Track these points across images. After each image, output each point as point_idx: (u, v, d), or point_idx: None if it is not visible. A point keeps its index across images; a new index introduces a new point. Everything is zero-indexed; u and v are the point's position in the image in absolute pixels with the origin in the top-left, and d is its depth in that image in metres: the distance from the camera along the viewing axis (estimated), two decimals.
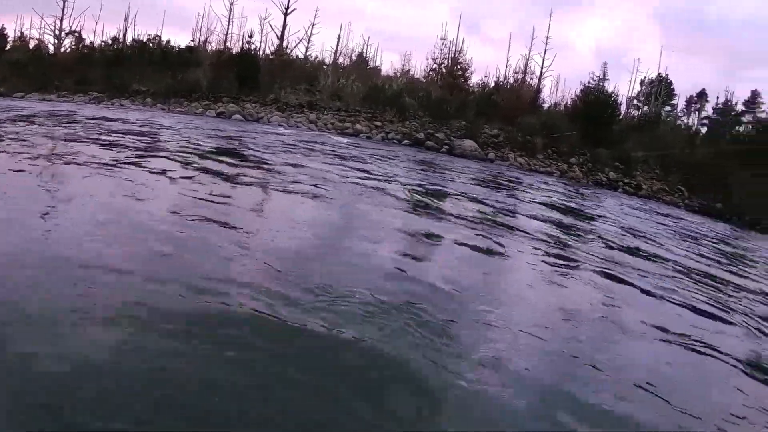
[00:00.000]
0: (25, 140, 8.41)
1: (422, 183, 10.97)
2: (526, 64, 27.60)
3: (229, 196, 6.41)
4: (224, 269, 3.90)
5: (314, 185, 7.76)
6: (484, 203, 9.74)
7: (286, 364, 2.79)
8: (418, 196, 8.93)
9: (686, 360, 4.25)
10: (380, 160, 13.56)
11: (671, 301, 5.66)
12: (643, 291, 5.83)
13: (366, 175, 10.12)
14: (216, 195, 6.22)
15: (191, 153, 9.39)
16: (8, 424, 2.00)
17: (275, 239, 5.05)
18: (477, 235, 6.81)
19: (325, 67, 25.14)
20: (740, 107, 38.29)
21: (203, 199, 5.87)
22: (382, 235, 5.90)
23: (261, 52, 26.85)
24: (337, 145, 15.51)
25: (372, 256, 5.01)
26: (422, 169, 13.84)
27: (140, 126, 13.21)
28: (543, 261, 6.33)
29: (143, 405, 2.24)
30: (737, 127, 35.41)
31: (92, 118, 13.61)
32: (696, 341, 4.55)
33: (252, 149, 11.37)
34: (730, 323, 5.46)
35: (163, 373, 2.49)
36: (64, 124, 11.65)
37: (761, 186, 27.37)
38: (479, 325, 3.89)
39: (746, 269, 10.61)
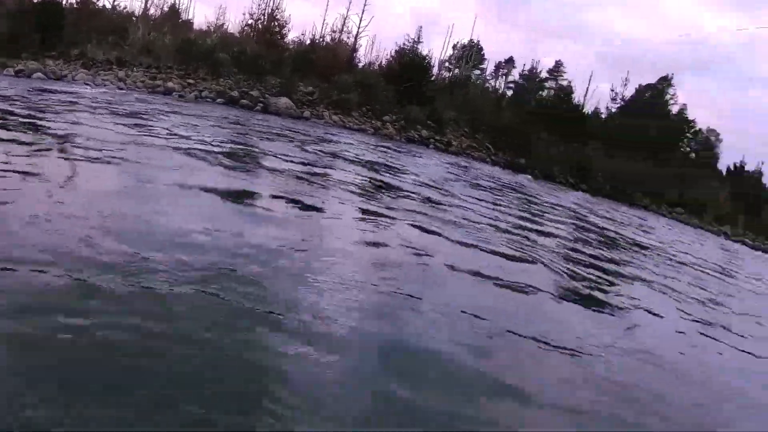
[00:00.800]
0: None
1: (232, 143, 10.96)
2: (344, 24, 28.37)
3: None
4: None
5: (101, 150, 6.87)
6: (296, 161, 9.86)
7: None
8: (225, 158, 8.54)
9: (500, 293, 5.08)
10: (193, 118, 13.45)
11: (480, 247, 6.55)
12: (454, 239, 6.58)
13: (172, 135, 9.65)
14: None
15: None
16: None
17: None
18: (290, 193, 6.87)
19: (135, 18, 24.09)
20: (544, 74, 42.12)
21: None
22: (186, 199, 5.69)
23: (65, 1, 25.10)
24: (138, 104, 15.23)
25: (175, 220, 4.77)
26: (233, 129, 13.79)
27: None
28: (358, 217, 6.63)
29: None
30: (540, 92, 39.02)
31: None
32: (505, 279, 5.45)
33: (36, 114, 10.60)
34: (529, 261, 6.56)
35: None
36: None
37: (557, 144, 30.76)
38: (298, 285, 3.88)
39: (543, 214, 12.57)
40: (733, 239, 31.87)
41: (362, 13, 28.67)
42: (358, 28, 28.61)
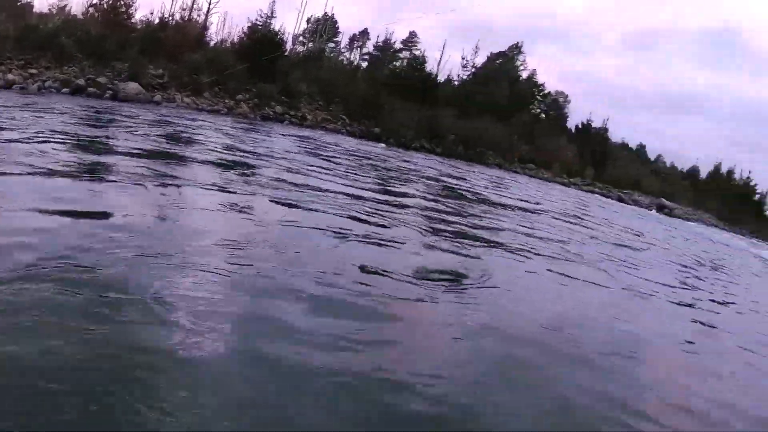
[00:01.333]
0: None
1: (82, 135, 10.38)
2: (194, 1, 28.46)
3: None
4: None
5: None
6: (147, 152, 9.70)
7: None
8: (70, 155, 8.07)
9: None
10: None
11: (335, 214, 7.43)
12: (311, 209, 7.32)
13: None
14: None
15: None
16: None
17: None
18: (143, 181, 6.89)
19: None
20: (399, 45, 43.89)
21: None
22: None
23: None
24: None
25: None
26: (78, 122, 12.69)
27: None
28: (220, 201, 6.75)
29: None
30: (394, 63, 40.74)
31: None
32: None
33: None
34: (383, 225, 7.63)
35: None
36: None
37: (411, 112, 32.67)
38: (165, 266, 4.04)
39: (397, 179, 14.24)
40: (584, 189, 36.10)
41: None
42: (209, 4, 28.82)
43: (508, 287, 5.86)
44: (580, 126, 46.49)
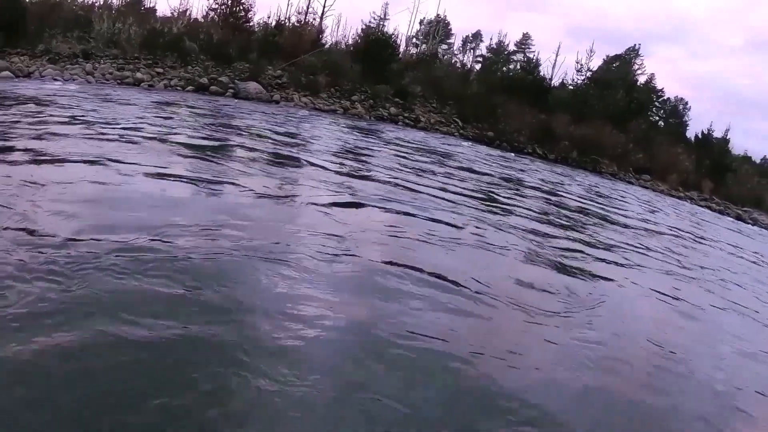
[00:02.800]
0: None
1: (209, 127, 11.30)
2: (308, 4, 28.53)
3: None
4: None
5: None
6: (270, 148, 10.12)
7: None
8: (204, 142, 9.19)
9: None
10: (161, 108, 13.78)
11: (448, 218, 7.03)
12: (424, 213, 7.10)
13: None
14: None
15: None
16: None
17: None
18: (261, 175, 7.22)
19: (98, 9, 23.95)
20: (512, 47, 42.58)
21: None
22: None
23: None
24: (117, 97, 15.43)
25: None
26: (207, 115, 13.99)
27: None
28: (333, 202, 6.70)
29: None
30: (508, 66, 39.51)
31: None
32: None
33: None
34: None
35: None
36: None
37: (524, 117, 31.39)
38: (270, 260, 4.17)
39: (514, 184, 13.06)
40: (700, 204, 33.09)
41: None
42: (323, 8, 28.80)
43: (617, 312, 5.29)
44: (699, 135, 43.11)
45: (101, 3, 24.77)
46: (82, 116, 9.88)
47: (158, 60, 21.49)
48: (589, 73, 40.08)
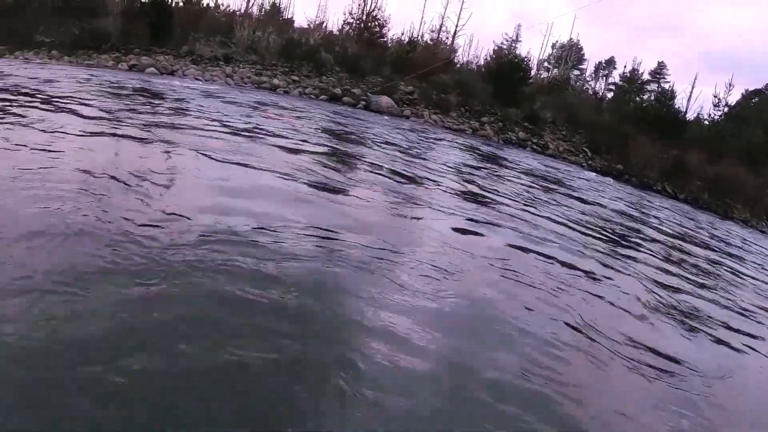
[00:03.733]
0: None
1: (336, 133, 11.20)
2: (442, 22, 28.15)
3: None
4: None
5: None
6: (398, 166, 9.71)
7: None
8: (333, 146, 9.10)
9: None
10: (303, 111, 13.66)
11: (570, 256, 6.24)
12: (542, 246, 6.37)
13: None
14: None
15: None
16: None
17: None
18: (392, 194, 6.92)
19: (239, 17, 24.58)
20: (646, 76, 40.44)
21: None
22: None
23: (172, 1, 25.93)
24: (259, 97, 15.46)
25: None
26: (338, 122, 14.01)
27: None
28: (452, 226, 6.26)
29: None
30: (641, 95, 37.44)
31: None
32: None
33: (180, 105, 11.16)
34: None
35: None
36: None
37: (656, 151, 29.45)
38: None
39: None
40: None
41: (460, 11, 28.43)
42: (456, 26, 28.35)
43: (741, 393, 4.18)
44: None
45: (242, 12, 25.51)
46: (220, 115, 10.24)
47: (295, 68, 21.73)
48: (726, 108, 37.48)
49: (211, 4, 25.77)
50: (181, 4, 24.99)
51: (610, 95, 38.60)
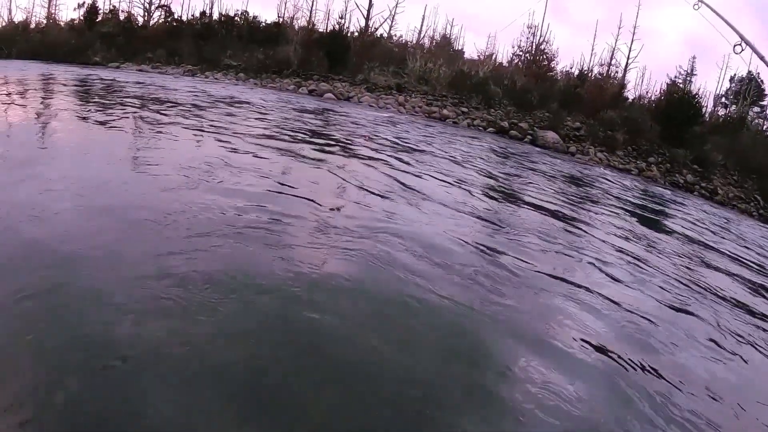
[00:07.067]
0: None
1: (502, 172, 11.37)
2: (612, 55, 27.54)
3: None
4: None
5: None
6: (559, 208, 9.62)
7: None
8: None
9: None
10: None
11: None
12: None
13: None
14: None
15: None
16: None
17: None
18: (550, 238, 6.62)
19: (411, 49, 25.59)
20: None
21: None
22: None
23: (348, 32, 27.51)
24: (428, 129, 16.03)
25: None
26: (509, 155, 14.31)
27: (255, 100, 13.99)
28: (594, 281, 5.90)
29: None
30: None
31: (224, 96, 14.52)
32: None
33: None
34: None
35: None
36: (225, 105, 12.57)
37: None
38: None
39: None
40: None
41: (631, 42, 27.72)
42: (627, 58, 27.65)
43: None
44: None
45: (414, 43, 26.52)
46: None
47: (464, 100, 22.27)
48: None
49: (385, 35, 27.05)
50: (356, 34, 26.49)
51: None
